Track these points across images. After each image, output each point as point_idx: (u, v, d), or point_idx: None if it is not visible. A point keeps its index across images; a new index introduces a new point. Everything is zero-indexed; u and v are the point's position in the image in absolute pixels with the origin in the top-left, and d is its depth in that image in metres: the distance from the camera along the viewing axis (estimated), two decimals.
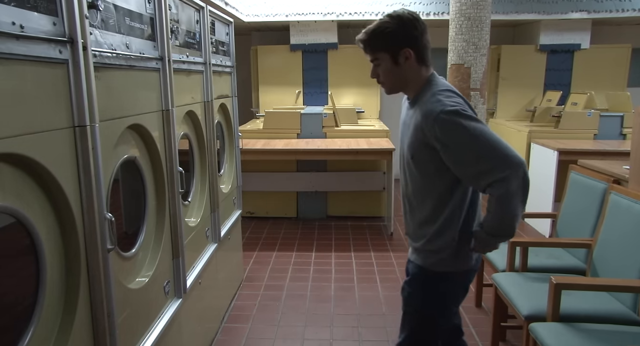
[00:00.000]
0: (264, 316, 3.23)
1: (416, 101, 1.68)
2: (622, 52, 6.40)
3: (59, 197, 1.33)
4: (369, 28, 1.64)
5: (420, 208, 1.75)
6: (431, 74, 1.70)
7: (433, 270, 1.77)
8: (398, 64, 1.64)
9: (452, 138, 1.56)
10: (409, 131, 1.71)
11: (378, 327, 3.06)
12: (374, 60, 1.67)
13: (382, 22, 1.63)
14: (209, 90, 2.83)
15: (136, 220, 1.97)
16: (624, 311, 2.23)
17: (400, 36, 1.61)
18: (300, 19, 5.99)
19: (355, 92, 6.58)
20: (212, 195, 2.92)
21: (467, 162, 1.57)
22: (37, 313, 1.26)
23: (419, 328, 1.85)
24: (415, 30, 1.62)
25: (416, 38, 1.62)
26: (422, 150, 1.65)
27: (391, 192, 4.82)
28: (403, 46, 1.61)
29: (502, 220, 1.59)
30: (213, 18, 2.98)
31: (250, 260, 4.19)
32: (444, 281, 1.78)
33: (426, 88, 1.67)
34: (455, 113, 1.55)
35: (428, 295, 1.81)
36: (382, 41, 1.62)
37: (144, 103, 1.92)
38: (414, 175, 1.73)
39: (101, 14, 1.53)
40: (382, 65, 1.66)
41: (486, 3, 4.05)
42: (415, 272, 1.82)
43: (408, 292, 1.85)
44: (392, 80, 1.70)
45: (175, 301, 2.18)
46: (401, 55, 1.62)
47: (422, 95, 1.66)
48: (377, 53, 1.65)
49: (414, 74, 1.67)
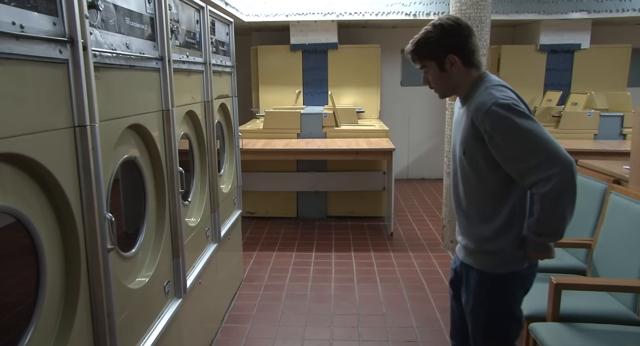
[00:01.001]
0: (264, 316, 3.23)
1: (468, 98, 1.68)
2: (622, 52, 6.40)
3: (59, 197, 1.33)
4: (415, 38, 1.67)
5: (476, 207, 1.71)
6: (483, 72, 1.70)
7: (497, 272, 1.70)
8: (445, 70, 1.66)
9: (500, 132, 1.54)
10: (460, 128, 1.70)
11: (378, 327, 3.06)
12: (422, 68, 1.70)
13: (427, 31, 1.65)
14: (209, 90, 2.83)
15: (136, 220, 1.97)
16: (624, 311, 2.23)
17: (444, 44, 1.64)
18: (300, 19, 5.99)
19: (355, 92, 6.58)
20: (212, 195, 2.92)
21: (513, 157, 1.56)
22: (37, 313, 1.26)
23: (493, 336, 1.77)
24: (459, 36, 1.64)
25: (459, 44, 1.64)
26: (473, 144, 1.63)
27: (391, 192, 4.82)
28: (447, 53, 1.63)
29: (549, 219, 1.56)
30: (213, 18, 2.98)
31: (250, 260, 4.19)
32: (509, 283, 1.71)
33: (478, 84, 1.67)
34: (506, 107, 1.54)
35: (496, 301, 1.73)
36: (427, 50, 1.66)
37: (144, 103, 1.92)
38: (467, 173, 1.70)
39: (101, 14, 1.53)
40: (431, 73, 1.69)
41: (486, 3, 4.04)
42: (477, 279, 1.74)
43: (473, 303, 1.76)
44: (442, 86, 1.72)
45: (175, 301, 2.18)
46: (446, 61, 1.64)
47: (473, 92, 1.66)
48: (424, 61, 1.68)
49: (463, 76, 1.68)
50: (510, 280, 1.71)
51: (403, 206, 5.89)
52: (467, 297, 1.79)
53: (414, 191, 6.65)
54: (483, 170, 1.65)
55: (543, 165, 1.50)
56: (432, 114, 7.14)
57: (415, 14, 5.84)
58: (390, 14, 5.85)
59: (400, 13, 5.85)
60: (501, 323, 1.75)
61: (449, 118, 4.27)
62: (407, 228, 5.05)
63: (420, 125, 7.30)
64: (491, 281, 1.72)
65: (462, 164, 1.71)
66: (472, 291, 1.75)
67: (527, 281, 1.76)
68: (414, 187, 6.91)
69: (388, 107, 7.08)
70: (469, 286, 1.77)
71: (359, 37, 6.94)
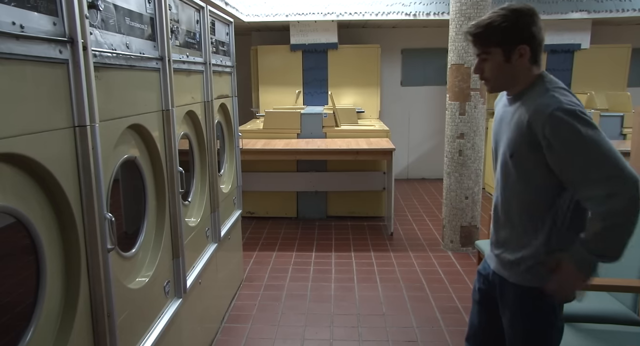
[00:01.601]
0: (264, 316, 3.23)
1: (521, 96, 1.55)
2: (622, 52, 6.40)
3: (59, 197, 1.33)
4: (482, 20, 1.50)
5: (520, 215, 1.58)
6: (542, 72, 1.56)
7: (534, 286, 1.57)
8: (510, 61, 1.51)
9: (561, 139, 1.41)
10: (508, 128, 1.56)
11: (378, 327, 3.06)
12: (481, 54, 1.54)
13: (498, 15, 1.48)
14: (209, 90, 2.83)
15: (136, 220, 1.97)
16: (624, 311, 2.23)
17: (518, 32, 1.48)
18: (300, 19, 5.99)
19: (355, 92, 6.58)
20: (212, 195, 2.92)
21: (573, 167, 1.42)
22: (37, 313, 1.26)
23: None
24: (535, 26, 1.49)
25: (534, 35, 1.50)
26: (524, 148, 1.50)
27: (391, 192, 4.81)
28: (519, 43, 1.49)
29: (608, 239, 1.41)
30: (213, 18, 2.98)
31: (250, 260, 4.19)
32: (547, 298, 1.56)
33: (537, 84, 1.53)
34: (571, 114, 1.41)
35: (536, 315, 1.61)
36: (497, 36, 1.49)
37: (144, 103, 1.92)
38: (511, 177, 1.57)
39: (101, 14, 1.53)
40: (491, 61, 1.53)
41: (486, 3, 4.04)
42: (515, 293, 1.63)
43: (512, 318, 1.65)
44: (499, 77, 1.56)
45: (175, 301, 2.18)
46: (515, 52, 1.49)
47: (530, 91, 1.53)
48: (489, 48, 1.52)
49: (525, 72, 1.54)
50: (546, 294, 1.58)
51: (403, 206, 5.89)
52: (503, 310, 1.69)
53: (414, 191, 6.65)
54: (532, 176, 1.53)
55: (605, 180, 1.37)
56: (432, 114, 7.15)
57: (415, 14, 5.84)
58: (390, 14, 5.85)
59: (400, 13, 5.85)
60: (543, 336, 1.64)
61: (449, 119, 4.27)
62: (407, 228, 5.05)
63: (420, 125, 7.30)
64: (530, 296, 1.60)
65: (507, 167, 1.58)
66: (510, 305, 1.65)
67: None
68: (414, 187, 6.91)
69: (388, 107, 7.08)
70: (505, 299, 1.67)
71: (359, 37, 6.94)
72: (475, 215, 4.31)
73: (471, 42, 1.56)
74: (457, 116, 4.20)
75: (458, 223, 4.31)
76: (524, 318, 1.63)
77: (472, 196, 4.28)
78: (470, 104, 4.16)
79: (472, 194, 4.27)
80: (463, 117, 4.18)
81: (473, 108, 4.17)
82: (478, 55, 1.56)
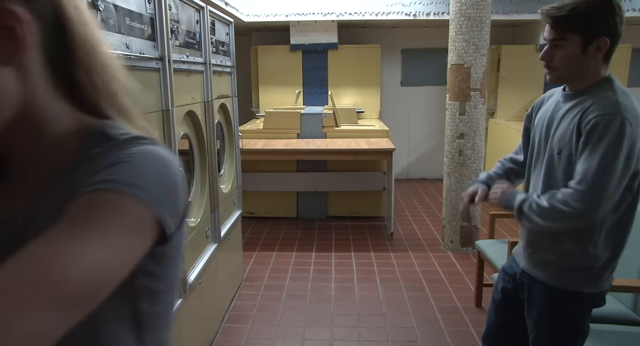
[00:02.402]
0: (264, 316, 3.23)
1: (583, 94, 1.48)
2: (622, 52, 6.39)
3: None
4: (567, 4, 1.42)
5: None
6: (611, 74, 1.50)
7: (567, 289, 1.56)
8: (586, 52, 1.43)
9: (597, 136, 1.38)
10: (560, 124, 1.51)
11: (378, 327, 3.06)
12: (556, 40, 1.45)
13: (587, 2, 1.40)
14: (209, 90, 2.83)
15: None
16: (624, 311, 2.22)
17: (604, 22, 1.40)
18: (300, 19, 5.99)
19: (355, 92, 6.58)
20: (212, 195, 2.92)
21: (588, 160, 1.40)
22: None
23: None
24: (620, 19, 1.41)
25: (618, 30, 1.42)
26: (575, 146, 1.46)
27: (391, 192, 4.81)
28: (601, 34, 1.41)
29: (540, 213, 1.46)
30: (213, 18, 2.98)
31: (250, 260, 4.19)
32: (578, 302, 1.57)
33: (604, 84, 1.46)
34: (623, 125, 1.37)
35: (566, 318, 1.60)
36: (582, 22, 1.41)
37: (144, 103, 1.92)
38: (556, 174, 1.53)
39: (101, 14, 1.53)
40: (566, 49, 1.44)
41: (486, 3, 4.04)
42: (547, 294, 1.61)
43: (539, 318, 1.64)
44: (569, 67, 1.47)
45: (175, 302, 2.18)
46: (594, 43, 1.42)
47: (595, 90, 1.46)
48: (569, 34, 1.42)
49: (596, 68, 1.47)
50: (579, 298, 1.57)
51: (403, 206, 5.89)
52: (530, 310, 1.67)
53: (414, 191, 6.66)
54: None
55: (587, 191, 1.38)
56: (432, 114, 7.15)
57: (415, 14, 5.84)
58: (390, 14, 5.85)
59: (400, 13, 5.85)
60: (568, 339, 1.64)
61: (449, 119, 4.27)
62: (407, 228, 5.05)
63: (420, 125, 7.30)
64: (561, 297, 1.59)
65: (552, 164, 1.54)
66: (538, 305, 1.64)
67: (600, 299, 1.63)
68: (414, 187, 6.91)
69: (388, 107, 7.08)
70: (533, 299, 1.65)
71: (359, 37, 6.94)
72: (476, 215, 4.31)
73: (549, 25, 1.45)
74: (457, 116, 4.20)
75: (458, 223, 4.31)
76: (551, 319, 1.62)
77: None
78: (470, 104, 4.16)
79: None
80: (463, 117, 4.18)
81: (473, 108, 4.17)
82: (552, 40, 1.46)
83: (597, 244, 1.51)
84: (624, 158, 1.38)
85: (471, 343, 2.88)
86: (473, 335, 2.95)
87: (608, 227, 1.50)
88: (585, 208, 1.39)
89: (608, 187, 1.38)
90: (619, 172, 1.39)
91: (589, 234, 1.50)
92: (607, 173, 1.38)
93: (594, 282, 1.56)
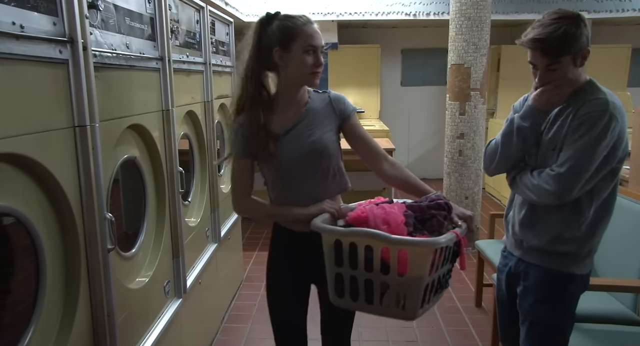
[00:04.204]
0: (264, 316, 3.22)
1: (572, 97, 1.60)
2: (622, 52, 6.39)
3: (59, 197, 1.33)
4: (549, 32, 1.52)
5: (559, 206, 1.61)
6: (591, 78, 1.63)
7: (561, 271, 1.65)
8: (576, 65, 1.57)
9: (585, 128, 1.51)
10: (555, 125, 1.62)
11: (378, 327, 3.06)
12: (552, 65, 1.55)
13: (565, 24, 1.51)
14: (209, 90, 2.83)
15: (136, 220, 1.97)
16: (624, 311, 2.22)
17: (583, 35, 1.53)
18: None
19: (355, 92, 6.58)
20: (212, 195, 2.92)
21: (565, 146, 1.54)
22: (37, 313, 1.26)
23: (548, 340, 1.70)
24: (586, 28, 1.56)
25: (589, 37, 1.57)
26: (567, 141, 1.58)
27: (391, 192, 4.81)
28: (584, 46, 1.55)
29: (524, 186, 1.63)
30: (213, 18, 2.98)
31: (250, 260, 4.19)
32: (571, 283, 1.66)
33: (590, 87, 1.60)
34: (610, 122, 1.50)
35: (559, 300, 1.68)
36: (569, 44, 1.52)
37: (144, 103, 1.92)
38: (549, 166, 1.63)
39: (101, 14, 1.53)
40: (562, 69, 1.55)
41: (486, 3, 4.04)
42: (543, 277, 1.68)
43: (534, 301, 1.70)
44: (566, 85, 1.59)
45: (175, 301, 2.18)
46: (580, 55, 1.55)
47: (581, 92, 1.59)
48: (562, 57, 1.53)
49: (580, 75, 1.61)
50: (572, 280, 1.66)
51: None
52: (525, 298, 1.72)
53: None
54: None
55: (564, 174, 1.52)
56: (432, 114, 7.15)
57: (415, 14, 5.84)
58: (390, 14, 5.85)
59: (400, 13, 5.85)
60: (560, 322, 1.69)
61: (449, 119, 4.27)
62: None
63: (420, 125, 7.30)
64: (559, 280, 1.66)
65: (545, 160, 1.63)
66: (535, 291, 1.69)
67: (587, 281, 1.73)
68: None
69: (388, 107, 7.07)
70: (528, 285, 1.70)
71: (359, 37, 6.94)
72: (475, 215, 4.30)
73: (539, 53, 1.55)
74: (457, 116, 4.20)
75: None
76: (546, 304, 1.68)
77: (472, 196, 4.27)
78: (470, 104, 4.16)
79: (472, 194, 4.27)
80: (463, 117, 4.18)
81: (473, 108, 4.17)
82: (547, 66, 1.55)
83: (582, 228, 1.62)
84: (604, 150, 1.51)
85: (471, 343, 2.88)
86: (473, 335, 2.95)
87: (592, 213, 1.61)
88: (559, 190, 1.53)
89: (584, 173, 1.52)
90: (597, 162, 1.52)
91: (577, 219, 1.61)
92: (587, 161, 1.51)
93: (584, 264, 1.67)
